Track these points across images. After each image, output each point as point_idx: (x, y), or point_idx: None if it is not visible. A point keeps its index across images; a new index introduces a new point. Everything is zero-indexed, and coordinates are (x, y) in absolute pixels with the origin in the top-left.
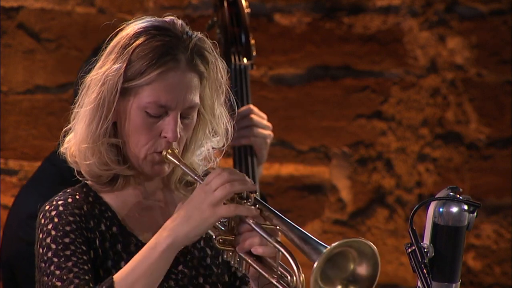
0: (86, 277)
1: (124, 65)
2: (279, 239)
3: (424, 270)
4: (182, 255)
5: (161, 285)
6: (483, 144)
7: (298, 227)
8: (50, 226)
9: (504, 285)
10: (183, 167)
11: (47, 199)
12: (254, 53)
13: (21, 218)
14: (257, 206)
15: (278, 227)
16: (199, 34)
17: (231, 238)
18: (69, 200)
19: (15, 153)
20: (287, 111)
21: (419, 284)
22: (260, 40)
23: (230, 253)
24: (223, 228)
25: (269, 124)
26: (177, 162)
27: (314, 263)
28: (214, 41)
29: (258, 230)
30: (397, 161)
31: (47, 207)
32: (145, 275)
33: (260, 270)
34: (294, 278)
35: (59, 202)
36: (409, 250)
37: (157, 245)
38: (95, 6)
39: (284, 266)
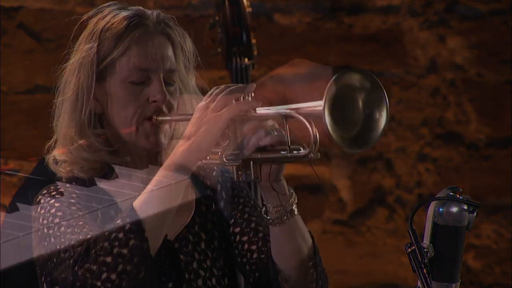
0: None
1: (96, 44)
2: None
3: (424, 270)
4: (177, 241)
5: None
6: (483, 144)
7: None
8: (52, 201)
9: (504, 285)
10: (177, 117)
11: None
12: (255, 53)
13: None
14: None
15: (279, 110)
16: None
17: (237, 152)
18: (67, 185)
19: (15, 153)
20: None
21: (419, 284)
22: (260, 40)
23: (240, 172)
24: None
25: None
26: (169, 118)
27: (322, 107)
28: (173, 16)
29: (264, 112)
30: (397, 161)
31: (44, 191)
32: (165, 195)
33: (273, 156)
34: (310, 133)
35: (57, 187)
36: (409, 250)
37: (173, 163)
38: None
39: (295, 142)
